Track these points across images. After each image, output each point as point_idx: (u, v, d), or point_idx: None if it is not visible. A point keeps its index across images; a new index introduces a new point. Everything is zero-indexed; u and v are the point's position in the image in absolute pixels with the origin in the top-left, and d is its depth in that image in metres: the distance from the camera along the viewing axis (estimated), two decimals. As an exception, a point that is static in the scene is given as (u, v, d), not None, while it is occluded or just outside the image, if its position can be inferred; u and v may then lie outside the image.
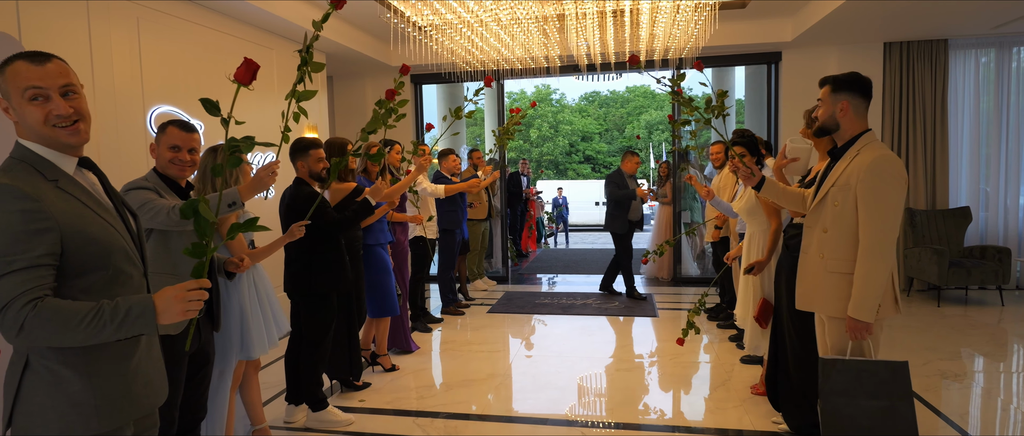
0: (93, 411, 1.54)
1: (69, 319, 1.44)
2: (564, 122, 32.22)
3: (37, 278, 1.44)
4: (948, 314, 6.02)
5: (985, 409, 3.82)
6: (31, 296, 1.42)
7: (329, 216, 3.55)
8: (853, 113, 2.56)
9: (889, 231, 2.43)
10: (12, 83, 1.52)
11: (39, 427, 1.50)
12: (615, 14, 4.90)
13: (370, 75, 8.07)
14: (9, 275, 1.41)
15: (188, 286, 1.52)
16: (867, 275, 2.45)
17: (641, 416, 3.80)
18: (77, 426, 1.52)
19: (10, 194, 1.44)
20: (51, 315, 1.42)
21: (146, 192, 2.43)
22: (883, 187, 2.42)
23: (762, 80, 7.99)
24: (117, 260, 1.60)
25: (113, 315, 1.47)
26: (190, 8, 4.78)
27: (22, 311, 1.40)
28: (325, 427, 3.69)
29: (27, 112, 1.52)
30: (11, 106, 1.53)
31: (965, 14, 5.84)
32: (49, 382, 1.51)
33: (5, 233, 1.42)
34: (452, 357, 5.08)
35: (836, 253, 2.56)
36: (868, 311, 2.46)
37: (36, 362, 1.51)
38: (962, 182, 7.04)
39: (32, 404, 1.50)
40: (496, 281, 8.32)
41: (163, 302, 1.51)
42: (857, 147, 2.55)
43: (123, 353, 1.63)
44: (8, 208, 1.43)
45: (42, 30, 3.58)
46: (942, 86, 6.84)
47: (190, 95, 4.74)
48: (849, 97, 2.55)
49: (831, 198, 2.58)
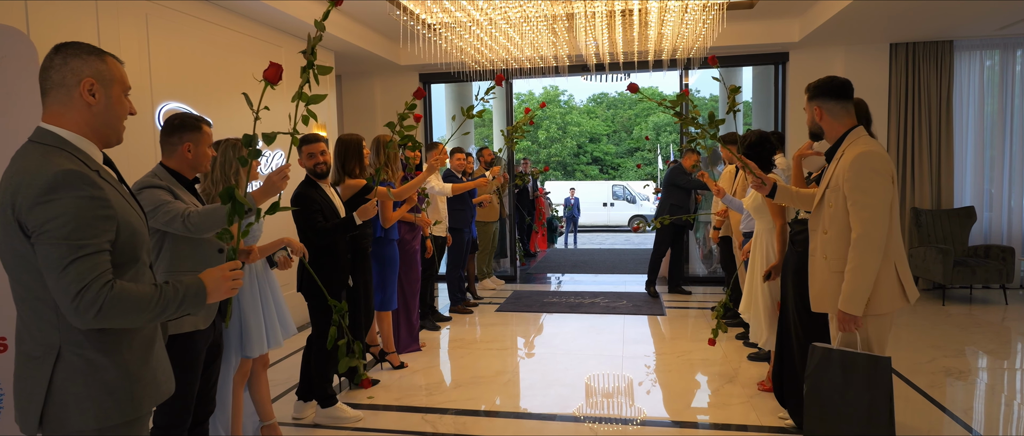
0: (127, 397, 1.59)
1: (139, 300, 1.50)
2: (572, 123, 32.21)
3: (106, 262, 1.49)
4: (953, 313, 6.03)
5: (989, 405, 3.85)
6: (106, 278, 1.46)
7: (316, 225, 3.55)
8: (830, 117, 2.64)
9: (875, 224, 2.46)
10: (115, 74, 1.61)
11: (75, 415, 1.53)
12: (624, 14, 4.93)
13: (378, 74, 8.12)
14: (85, 258, 1.44)
15: (230, 267, 1.62)
16: (855, 269, 2.49)
17: (649, 412, 3.84)
18: (113, 412, 1.56)
19: (80, 179, 1.47)
20: (125, 296, 1.48)
21: (160, 192, 2.41)
22: (864, 182, 2.48)
23: (769, 81, 8.01)
24: (143, 253, 1.65)
25: (174, 295, 1.56)
26: (199, 5, 4.82)
27: (101, 292, 1.44)
28: (334, 423, 3.73)
29: (121, 104, 1.63)
30: (103, 93, 1.59)
31: (971, 15, 5.85)
32: (84, 371, 1.53)
33: (78, 217, 1.45)
34: (461, 355, 5.12)
35: (836, 253, 2.60)
36: (856, 304, 2.50)
37: (69, 352, 1.53)
38: (967, 182, 7.05)
39: (67, 394, 1.52)
40: (504, 280, 8.36)
41: (212, 282, 1.62)
42: (843, 147, 2.62)
43: (149, 340, 1.68)
44: (79, 193, 1.46)
45: (51, 26, 3.60)
46: (947, 87, 6.85)
47: (198, 91, 4.78)
48: (821, 102, 2.65)
49: (827, 200, 2.65)
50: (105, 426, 1.55)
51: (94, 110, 1.58)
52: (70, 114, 1.57)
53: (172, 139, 2.48)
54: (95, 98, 1.58)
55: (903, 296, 2.58)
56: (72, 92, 1.56)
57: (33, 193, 1.43)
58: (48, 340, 1.53)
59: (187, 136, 2.48)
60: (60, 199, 1.44)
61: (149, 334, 1.69)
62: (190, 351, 2.46)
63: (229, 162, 2.89)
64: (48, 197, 1.43)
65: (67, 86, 1.56)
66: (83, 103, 1.57)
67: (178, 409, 2.46)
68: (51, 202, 1.43)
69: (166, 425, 2.46)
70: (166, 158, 2.51)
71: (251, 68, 5.32)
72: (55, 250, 1.43)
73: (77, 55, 1.57)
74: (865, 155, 2.49)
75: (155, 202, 2.36)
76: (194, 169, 2.55)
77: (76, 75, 1.56)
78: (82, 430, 1.54)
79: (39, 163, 1.47)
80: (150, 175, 2.48)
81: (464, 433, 3.59)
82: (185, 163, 2.51)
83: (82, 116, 1.58)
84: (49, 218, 1.43)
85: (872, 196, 2.47)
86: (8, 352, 2.75)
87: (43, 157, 1.49)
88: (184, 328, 2.42)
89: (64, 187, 1.44)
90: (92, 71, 1.57)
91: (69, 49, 1.57)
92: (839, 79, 2.63)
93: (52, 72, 1.56)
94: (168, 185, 2.46)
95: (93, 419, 1.54)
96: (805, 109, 2.74)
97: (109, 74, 1.60)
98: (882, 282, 2.52)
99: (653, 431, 3.58)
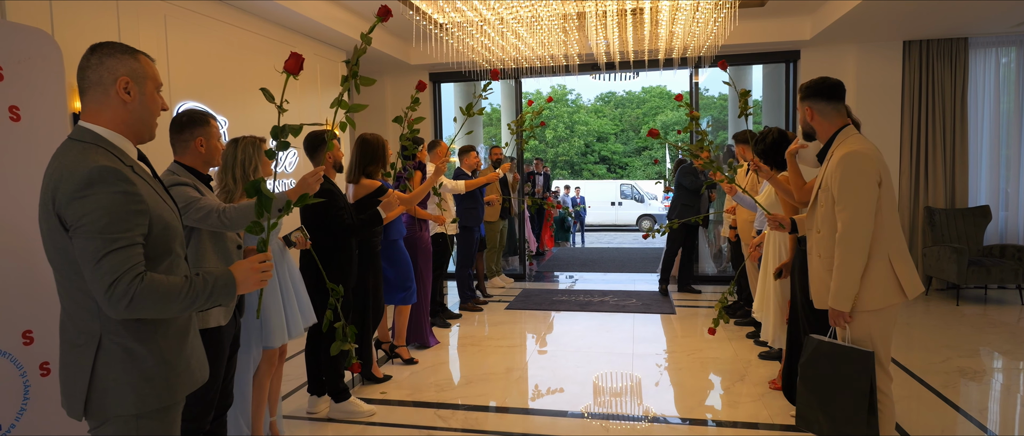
0: (164, 384, 1.66)
1: (169, 292, 1.56)
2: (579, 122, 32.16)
3: (138, 255, 1.54)
4: (967, 313, 5.99)
5: (1004, 405, 3.83)
6: (137, 271, 1.52)
7: (346, 221, 3.57)
8: (820, 117, 2.69)
9: (856, 223, 2.50)
10: (148, 71, 1.67)
11: (114, 402, 1.60)
12: (635, 12, 4.94)
13: (389, 73, 8.16)
14: (118, 251, 1.50)
15: (259, 259, 1.68)
16: (838, 267, 2.55)
17: (659, 410, 3.85)
18: (150, 399, 1.63)
19: (114, 175, 1.53)
20: (156, 288, 1.53)
21: (188, 189, 2.45)
22: (847, 180, 2.52)
23: (780, 79, 7.98)
24: (176, 246, 1.71)
25: (203, 287, 1.61)
26: (215, 6, 4.88)
27: (132, 284, 1.50)
28: (348, 418, 3.77)
29: (154, 101, 1.69)
30: (137, 91, 1.64)
31: (985, 11, 5.81)
32: (123, 359, 1.60)
33: (111, 212, 1.51)
34: (471, 352, 5.14)
35: (828, 251, 2.65)
36: (842, 300, 2.55)
37: (109, 341, 1.59)
38: (982, 181, 7.00)
39: (107, 381, 1.59)
40: (513, 279, 8.38)
41: (241, 273, 1.68)
42: (833, 147, 2.67)
43: (184, 330, 1.74)
44: (113, 188, 1.52)
45: (75, 26, 3.68)
46: (962, 85, 6.80)
47: (215, 91, 4.84)
48: (812, 103, 2.70)
49: (819, 200, 2.70)
50: (143, 411, 1.62)
51: (129, 107, 1.64)
52: (107, 112, 1.63)
53: (183, 135, 2.53)
54: (130, 96, 1.64)
55: (899, 291, 2.56)
56: (108, 90, 1.62)
57: (71, 188, 1.50)
58: (89, 329, 1.60)
59: (198, 131, 2.52)
60: (95, 194, 1.50)
61: (184, 324, 1.75)
62: (215, 345, 2.50)
63: (249, 159, 2.93)
64: (84, 192, 1.49)
65: (104, 84, 1.61)
66: (119, 101, 1.63)
67: (201, 403, 2.50)
68: (87, 197, 1.49)
69: (188, 418, 2.49)
70: (180, 155, 2.55)
71: (267, 68, 5.38)
72: (90, 243, 1.49)
73: (112, 54, 1.62)
74: (850, 155, 2.53)
75: (186, 199, 2.41)
76: (207, 164, 2.60)
77: (112, 74, 1.61)
78: (121, 415, 1.61)
79: (77, 160, 1.54)
80: (169, 173, 2.52)
81: (476, 429, 3.61)
82: (199, 158, 2.56)
83: (118, 113, 1.64)
84: (85, 212, 1.49)
85: (854, 195, 2.51)
86: (33, 345, 2.81)
87: (81, 153, 1.55)
88: (209, 323, 2.47)
89: (99, 183, 1.50)
90: (127, 70, 1.63)
91: (104, 49, 1.63)
92: (831, 80, 2.68)
93: (89, 72, 1.62)
94: (191, 182, 2.51)
95: (132, 405, 1.60)
96: (798, 109, 2.79)
97: (142, 71, 1.66)
98: (873, 278, 2.54)
99: (663, 428, 3.59)
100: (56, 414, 2.80)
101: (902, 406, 3.71)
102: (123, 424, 1.62)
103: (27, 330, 2.80)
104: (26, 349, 2.80)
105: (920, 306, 6.26)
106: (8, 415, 2.74)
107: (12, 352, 2.76)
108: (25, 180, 2.79)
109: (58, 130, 2.91)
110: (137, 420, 1.62)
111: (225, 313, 2.53)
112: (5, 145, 2.75)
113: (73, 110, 3.56)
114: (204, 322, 2.44)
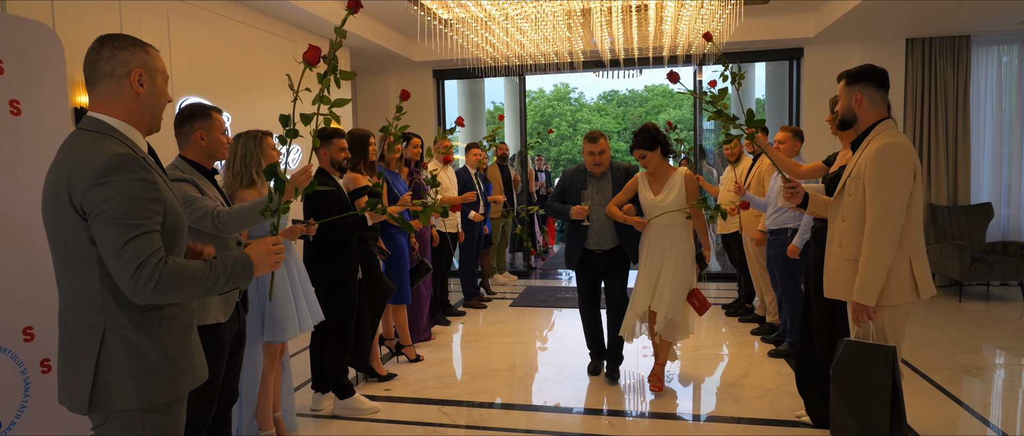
0: (168, 378, 1.65)
1: (191, 275, 1.56)
2: (582, 121, 32.12)
3: (159, 241, 1.55)
4: (970, 310, 5.99)
5: (1007, 400, 3.83)
6: (160, 255, 1.53)
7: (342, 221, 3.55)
8: (868, 104, 2.61)
9: (891, 216, 2.45)
10: (158, 64, 1.68)
11: (117, 395, 1.59)
12: (640, 9, 4.93)
13: (393, 70, 8.15)
14: (140, 237, 1.51)
15: (273, 241, 1.71)
16: (867, 260, 2.49)
17: (663, 406, 3.84)
18: (153, 393, 1.62)
19: (132, 162, 1.54)
20: (179, 271, 1.54)
21: (187, 186, 2.44)
22: (885, 173, 2.46)
23: (784, 77, 7.97)
24: (182, 238, 1.70)
25: (223, 269, 1.62)
26: (218, 3, 4.87)
27: (157, 268, 1.50)
28: (352, 414, 3.76)
29: (164, 93, 1.70)
30: (149, 82, 1.66)
31: (987, 10, 5.80)
32: (127, 352, 1.59)
33: (132, 198, 1.51)
34: (475, 349, 5.14)
35: (852, 241, 2.59)
36: (868, 295, 2.50)
37: (113, 334, 1.59)
38: (984, 178, 7.00)
39: (111, 374, 1.58)
40: (517, 276, 8.37)
41: (257, 255, 1.70)
42: (871, 136, 2.60)
43: (187, 326, 1.74)
44: (133, 176, 1.52)
45: (76, 21, 3.66)
46: (964, 82, 6.80)
47: (218, 87, 4.83)
48: (862, 88, 2.62)
49: (847, 188, 2.63)
50: (145, 406, 1.61)
51: (141, 99, 1.65)
52: (119, 103, 1.63)
53: (184, 129, 2.52)
54: (143, 87, 1.64)
55: (914, 290, 2.54)
56: (123, 82, 1.62)
57: (89, 176, 1.50)
58: (93, 321, 1.59)
59: (198, 124, 2.51)
60: (115, 181, 1.50)
61: (187, 320, 1.74)
62: (214, 342, 2.48)
63: (251, 154, 2.92)
64: (104, 179, 1.50)
65: (117, 76, 1.62)
66: (132, 92, 1.64)
67: (202, 399, 2.49)
68: (107, 184, 1.49)
69: (190, 414, 2.48)
70: (183, 149, 2.55)
71: (271, 65, 5.37)
72: (112, 230, 1.49)
73: (123, 47, 1.63)
74: (889, 146, 2.48)
75: (185, 197, 2.40)
76: (211, 157, 2.58)
77: (125, 66, 1.62)
78: (125, 409, 1.60)
79: (92, 148, 1.54)
80: (172, 167, 2.50)
81: (480, 425, 3.61)
82: (201, 152, 2.55)
83: (131, 105, 1.64)
84: (105, 199, 1.49)
85: (890, 187, 2.46)
86: (33, 341, 2.80)
87: (95, 142, 1.55)
88: (207, 320, 2.44)
89: (119, 170, 1.51)
90: (139, 62, 1.64)
91: (115, 41, 1.63)
92: (879, 67, 2.62)
93: (101, 64, 1.61)
94: (192, 178, 2.49)
95: (135, 399, 1.59)
96: (840, 95, 2.70)
97: (152, 64, 1.67)
98: (893, 274, 2.51)
99: (669, 425, 3.58)
100: (57, 411, 2.78)
101: (907, 402, 3.65)
102: (129, 419, 1.61)
103: (27, 326, 2.79)
104: (26, 346, 2.78)
105: (923, 303, 6.25)
106: (9, 412, 2.73)
107: (12, 349, 2.75)
108: (25, 175, 2.76)
109: (59, 124, 2.90)
110: (143, 415, 1.62)
111: (224, 310, 2.49)
112: (5, 139, 2.73)
113: (75, 104, 3.55)
114: (202, 319, 2.41)
